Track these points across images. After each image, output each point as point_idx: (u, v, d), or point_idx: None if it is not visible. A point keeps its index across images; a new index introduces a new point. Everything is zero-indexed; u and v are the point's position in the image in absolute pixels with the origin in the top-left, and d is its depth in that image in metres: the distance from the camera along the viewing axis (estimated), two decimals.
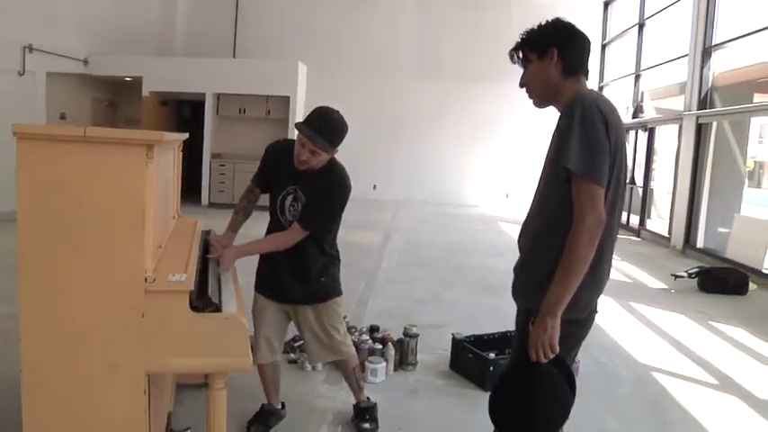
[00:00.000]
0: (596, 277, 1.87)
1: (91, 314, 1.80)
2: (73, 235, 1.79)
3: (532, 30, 1.97)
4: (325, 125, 2.62)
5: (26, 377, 1.81)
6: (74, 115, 11.49)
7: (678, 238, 9.67)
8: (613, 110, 1.85)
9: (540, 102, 2.02)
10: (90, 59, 11.84)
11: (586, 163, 1.73)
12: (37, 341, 1.80)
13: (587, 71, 1.97)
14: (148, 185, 1.79)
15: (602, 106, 1.79)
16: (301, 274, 2.79)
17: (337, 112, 2.70)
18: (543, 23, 1.97)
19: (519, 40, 1.99)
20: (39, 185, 1.77)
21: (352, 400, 3.16)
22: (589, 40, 1.98)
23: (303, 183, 2.72)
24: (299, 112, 12.47)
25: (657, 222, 12.07)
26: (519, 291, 2.00)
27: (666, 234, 10.32)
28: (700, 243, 9.29)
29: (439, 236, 10.05)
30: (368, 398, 3.15)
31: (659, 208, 12.76)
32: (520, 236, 2.04)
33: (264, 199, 2.94)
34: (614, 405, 3.60)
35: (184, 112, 13.23)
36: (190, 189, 12.66)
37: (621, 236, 11.43)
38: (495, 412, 1.88)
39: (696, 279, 6.88)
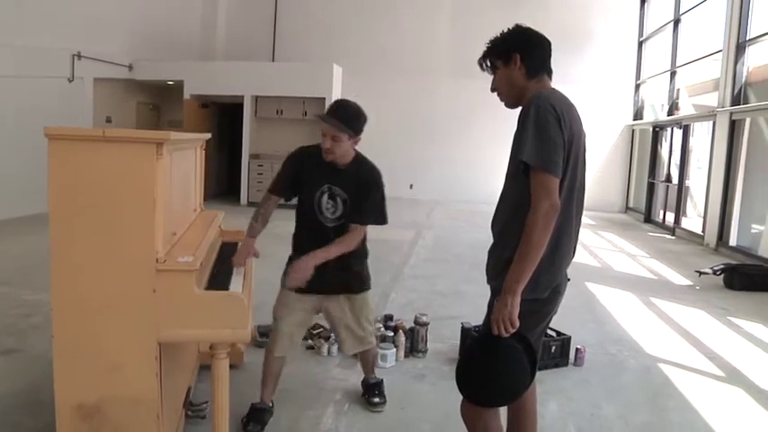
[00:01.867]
0: (555, 261, 2.05)
1: (110, 289, 2.08)
2: (94, 221, 2.06)
3: (496, 38, 2.17)
4: (340, 109, 2.86)
5: (57, 343, 2.10)
6: (119, 118, 12.09)
7: (711, 236, 9.58)
8: (568, 106, 2.03)
9: (510, 103, 2.21)
10: (135, 65, 12.43)
11: (540, 155, 1.91)
12: (65, 312, 2.09)
13: (550, 71, 2.16)
14: (159, 178, 2.06)
15: (555, 103, 1.97)
16: (341, 264, 2.89)
17: (354, 102, 2.91)
18: (505, 31, 2.16)
19: (485, 50, 2.20)
20: (66, 179, 2.05)
21: (360, 381, 3.42)
22: (549, 42, 2.16)
23: (336, 179, 2.89)
24: None
25: (695, 220, 11.90)
26: (489, 272, 2.19)
27: (700, 232, 10.22)
28: (733, 241, 9.18)
29: (470, 233, 10.14)
30: (374, 375, 3.41)
31: (698, 206, 12.58)
32: (492, 224, 2.23)
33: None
34: (615, 392, 3.71)
35: (224, 114, 13.71)
36: (230, 189, 13.13)
37: (655, 234, 11.43)
38: (460, 379, 2.08)
39: (722, 276, 6.86)
